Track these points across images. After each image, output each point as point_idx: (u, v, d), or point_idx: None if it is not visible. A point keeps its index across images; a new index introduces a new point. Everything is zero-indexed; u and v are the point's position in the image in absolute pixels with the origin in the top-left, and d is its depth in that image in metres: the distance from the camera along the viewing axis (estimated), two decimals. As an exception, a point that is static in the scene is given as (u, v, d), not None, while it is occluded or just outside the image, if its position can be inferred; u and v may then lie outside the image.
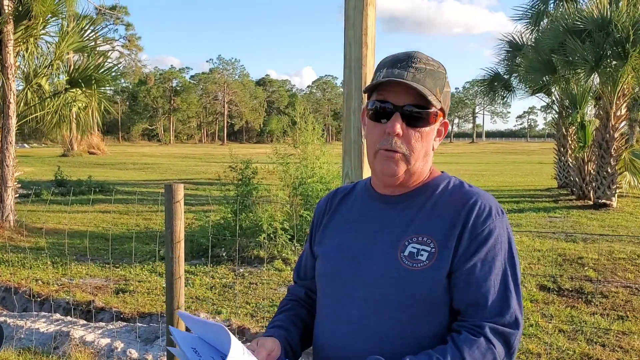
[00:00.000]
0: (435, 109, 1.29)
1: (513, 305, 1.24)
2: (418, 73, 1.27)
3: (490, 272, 1.25)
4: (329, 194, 1.58)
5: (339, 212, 1.48)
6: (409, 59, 1.29)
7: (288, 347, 1.40)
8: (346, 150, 2.65)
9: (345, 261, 1.37)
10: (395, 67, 1.28)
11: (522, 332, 1.26)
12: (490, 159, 40.34)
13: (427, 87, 1.26)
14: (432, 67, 1.30)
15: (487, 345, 1.20)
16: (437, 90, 1.29)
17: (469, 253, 1.27)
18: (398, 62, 1.29)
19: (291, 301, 1.56)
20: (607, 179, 12.13)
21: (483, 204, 1.30)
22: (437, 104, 1.28)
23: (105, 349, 4.39)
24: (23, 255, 7.55)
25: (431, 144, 1.34)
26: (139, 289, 6.22)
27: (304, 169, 8.78)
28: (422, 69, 1.28)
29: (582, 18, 11.97)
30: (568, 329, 4.95)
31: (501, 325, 1.22)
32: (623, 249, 7.73)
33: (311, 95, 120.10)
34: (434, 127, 1.33)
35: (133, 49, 72.54)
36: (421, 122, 1.29)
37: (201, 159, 36.15)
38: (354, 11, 2.59)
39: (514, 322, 1.23)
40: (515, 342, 1.23)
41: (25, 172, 18.68)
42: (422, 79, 1.27)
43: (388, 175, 1.33)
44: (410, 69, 1.27)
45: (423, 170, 1.36)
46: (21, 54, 10.21)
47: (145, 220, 11.07)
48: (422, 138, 1.30)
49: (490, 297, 1.24)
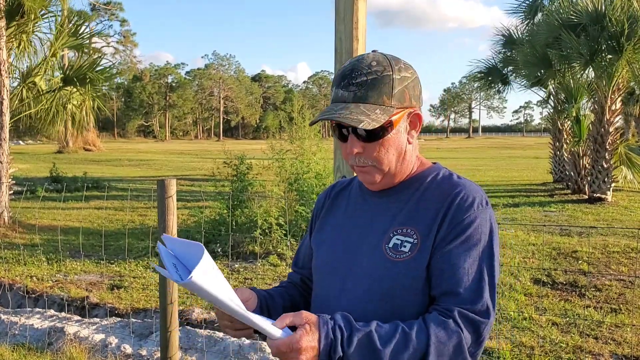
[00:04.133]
0: (386, 119, 1.28)
1: (485, 295, 1.25)
2: (359, 90, 1.28)
3: (464, 261, 1.26)
4: (329, 187, 1.63)
5: (336, 206, 1.53)
6: (351, 74, 1.30)
7: (265, 307, 1.44)
8: (337, 144, 2.65)
9: (337, 254, 1.41)
10: (339, 87, 1.31)
11: (492, 323, 1.27)
12: (487, 153, 40.41)
13: (369, 102, 1.27)
14: (375, 74, 1.29)
15: (455, 327, 1.21)
16: (383, 98, 1.28)
17: (446, 241, 1.28)
18: (342, 80, 1.31)
19: (287, 283, 1.63)
20: (602, 173, 12.17)
21: (466, 195, 1.31)
22: (383, 116, 1.27)
23: (99, 344, 4.39)
24: (17, 252, 7.54)
25: (402, 142, 1.35)
26: (133, 285, 6.22)
27: (300, 165, 8.78)
28: (364, 82, 1.28)
29: (576, 12, 11.99)
30: (561, 322, 4.97)
31: (472, 312, 1.23)
32: (617, 242, 7.76)
33: (307, 91, 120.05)
34: (398, 128, 1.33)
35: (128, 45, 72.43)
36: (376, 135, 1.30)
37: (197, 155, 36.12)
38: (344, 5, 2.59)
39: (484, 311, 1.24)
40: (484, 332, 1.24)
41: (20, 168, 18.65)
42: (364, 95, 1.28)
43: (368, 184, 1.40)
44: (351, 88, 1.29)
45: (404, 168, 1.38)
46: (14, 50, 10.16)
47: (140, 216, 11.06)
48: (384, 147, 1.32)
49: (462, 285, 1.25)
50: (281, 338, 1.15)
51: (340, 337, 1.15)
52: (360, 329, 1.18)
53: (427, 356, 1.17)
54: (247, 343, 4.29)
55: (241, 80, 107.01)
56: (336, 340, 1.15)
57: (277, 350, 1.14)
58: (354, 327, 1.18)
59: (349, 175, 2.58)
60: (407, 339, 1.17)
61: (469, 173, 20.40)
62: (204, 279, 1.10)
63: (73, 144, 34.91)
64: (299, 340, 1.13)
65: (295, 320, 1.16)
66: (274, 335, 1.15)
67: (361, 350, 1.16)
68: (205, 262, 1.12)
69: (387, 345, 1.16)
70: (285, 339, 1.14)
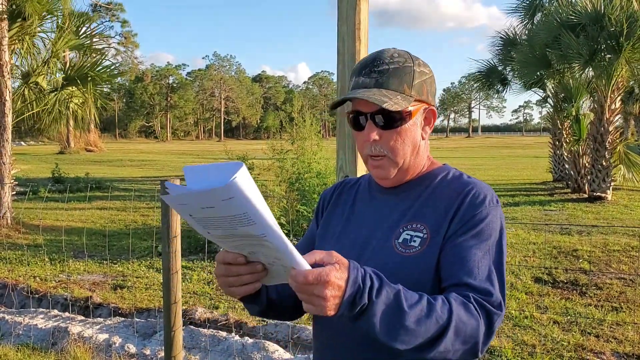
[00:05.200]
0: (406, 106, 1.31)
1: (497, 288, 1.24)
2: (381, 77, 1.31)
3: (475, 254, 1.26)
4: (336, 183, 1.62)
5: (342, 202, 1.53)
6: (373, 62, 1.33)
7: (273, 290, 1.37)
8: (340, 144, 2.67)
9: (345, 250, 1.38)
10: (360, 75, 1.33)
11: (503, 318, 1.25)
12: (486, 153, 40.39)
13: (391, 88, 1.30)
14: (397, 64, 1.32)
15: (474, 311, 1.18)
16: (404, 87, 1.31)
17: (457, 234, 1.28)
18: (363, 68, 1.34)
19: None
20: (602, 172, 12.19)
21: (477, 192, 1.33)
22: (404, 103, 1.30)
23: (103, 344, 4.41)
24: (21, 253, 7.57)
25: (417, 136, 1.37)
26: (136, 285, 6.24)
27: (301, 165, 8.80)
28: (385, 70, 1.31)
29: (576, 12, 12.01)
30: (563, 320, 5.00)
31: (486, 302, 1.21)
32: (617, 241, 7.77)
33: (307, 91, 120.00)
34: (414, 120, 1.35)
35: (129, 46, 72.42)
36: (395, 123, 1.32)
37: (198, 156, 36.13)
38: (347, 6, 2.61)
39: (498, 304, 1.22)
40: (496, 324, 1.21)
41: (22, 169, 18.66)
42: (385, 82, 1.30)
43: (381, 179, 1.40)
44: (373, 75, 1.31)
45: (417, 163, 1.40)
46: (17, 51, 10.19)
47: (143, 216, 11.08)
48: (401, 137, 1.34)
49: (474, 276, 1.24)
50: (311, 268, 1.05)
51: (370, 285, 1.09)
52: (390, 284, 1.13)
53: (447, 331, 1.13)
54: (251, 342, 4.31)
55: (242, 80, 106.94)
56: (365, 286, 1.08)
57: (303, 278, 1.04)
58: (384, 281, 1.12)
59: (352, 175, 2.60)
60: (431, 308, 1.13)
61: (470, 173, 19.67)
62: (246, 184, 0.98)
63: (75, 144, 34.92)
64: (328, 273, 1.04)
65: (326, 259, 1.08)
66: (304, 266, 1.06)
67: (387, 305, 1.10)
68: (244, 172, 0.99)
69: (412, 309, 1.11)
70: (314, 269, 1.05)
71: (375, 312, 1.08)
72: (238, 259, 1.16)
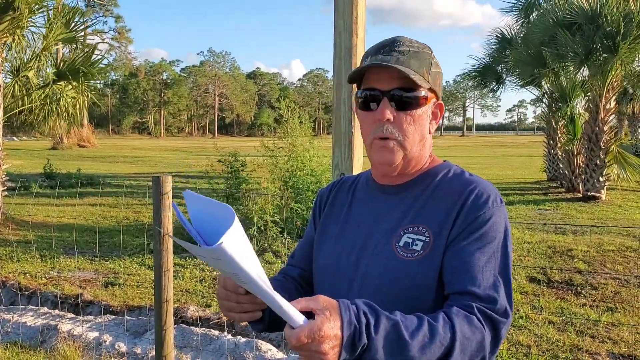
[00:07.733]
0: (424, 90, 1.28)
1: (502, 294, 1.19)
2: (402, 56, 1.26)
3: (479, 259, 1.21)
4: (334, 182, 1.56)
5: (340, 202, 1.47)
6: (392, 43, 1.29)
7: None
8: (336, 141, 2.62)
9: (343, 253, 1.35)
10: (378, 54, 1.28)
11: (510, 324, 1.21)
12: (481, 152, 40.47)
13: (411, 68, 1.26)
14: (417, 48, 1.29)
15: (478, 324, 1.14)
16: (423, 70, 1.28)
17: (459, 238, 1.23)
18: (381, 48, 1.29)
19: (282, 276, 1.50)
20: (597, 171, 12.19)
21: (480, 191, 1.27)
22: (424, 84, 1.27)
23: (93, 342, 4.35)
24: (10, 249, 7.48)
25: (426, 127, 1.33)
26: (128, 282, 6.17)
27: (294, 162, 8.75)
28: (406, 51, 1.27)
29: (572, 11, 11.97)
30: (558, 320, 4.97)
31: (490, 311, 1.17)
32: (612, 240, 7.77)
33: (302, 89, 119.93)
34: (426, 109, 1.31)
35: (123, 42, 72.14)
36: (411, 105, 1.28)
37: (192, 152, 36.00)
38: (344, 0, 2.56)
39: (503, 311, 1.18)
40: (503, 331, 1.18)
41: (14, 165, 18.47)
42: (406, 61, 1.26)
43: (385, 165, 1.31)
44: (393, 53, 1.27)
45: (421, 156, 1.35)
46: (8, 45, 10.06)
47: (135, 213, 11.00)
48: (414, 121, 1.29)
49: (478, 283, 1.19)
50: (302, 325, 1.01)
51: (366, 323, 1.04)
52: (386, 316, 1.08)
53: (452, 352, 1.09)
54: (243, 341, 4.26)
55: (236, 77, 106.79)
56: (361, 326, 1.03)
57: (297, 340, 1.00)
58: (380, 313, 1.07)
59: (347, 173, 2.55)
60: (433, 332, 1.08)
61: (464, 171, 20.36)
62: (234, 246, 0.96)
63: (67, 140, 34.71)
64: (320, 328, 0.99)
65: (312, 305, 1.02)
66: (297, 322, 1.02)
67: (388, 340, 1.05)
68: (236, 228, 0.98)
69: (414, 337, 1.06)
70: (305, 326, 1.00)
71: (377, 349, 1.04)
72: (239, 289, 1.15)
